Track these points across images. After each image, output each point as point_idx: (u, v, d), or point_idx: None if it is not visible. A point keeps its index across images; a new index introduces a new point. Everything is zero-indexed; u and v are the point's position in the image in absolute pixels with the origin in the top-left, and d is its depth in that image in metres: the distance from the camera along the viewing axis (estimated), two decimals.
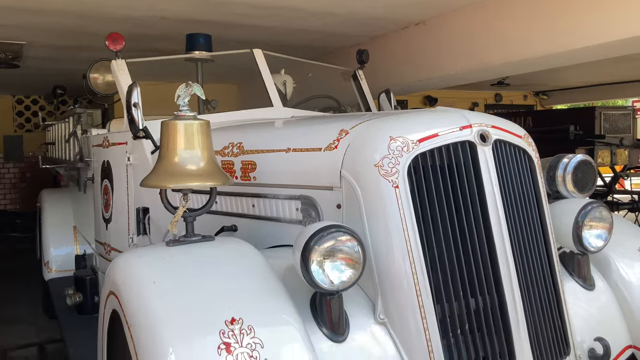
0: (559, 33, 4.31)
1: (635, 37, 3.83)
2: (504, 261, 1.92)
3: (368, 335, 1.83)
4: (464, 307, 1.87)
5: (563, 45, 4.34)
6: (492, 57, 5.01)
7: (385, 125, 1.99)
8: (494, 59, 4.99)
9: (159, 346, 1.54)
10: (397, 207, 1.87)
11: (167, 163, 1.93)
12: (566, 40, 4.31)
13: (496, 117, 2.12)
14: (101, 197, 3.80)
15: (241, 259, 1.84)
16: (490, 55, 5.02)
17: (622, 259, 2.39)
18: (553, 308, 2.04)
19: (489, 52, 5.00)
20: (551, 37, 4.38)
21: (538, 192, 2.12)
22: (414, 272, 1.83)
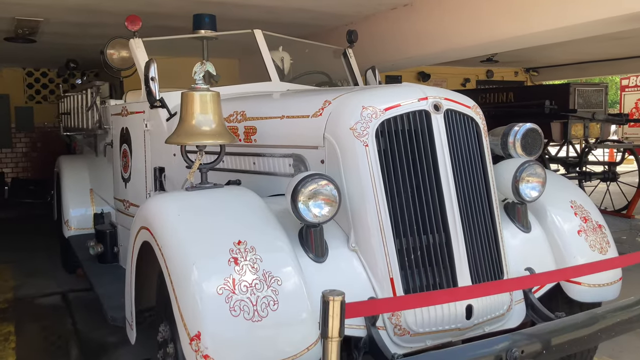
0: (540, 13, 4.70)
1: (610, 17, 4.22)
2: (450, 207, 2.44)
3: (342, 259, 2.37)
4: (417, 241, 2.40)
5: (544, 24, 4.74)
6: (474, 36, 5.47)
7: (359, 97, 2.50)
8: (477, 37, 5.45)
9: (184, 260, 2.08)
10: (367, 161, 2.39)
11: (187, 125, 2.46)
12: (545, 20, 4.71)
13: (449, 91, 2.64)
14: (120, 160, 4.32)
15: (245, 200, 2.38)
16: (473, 34, 5.48)
17: (556, 209, 2.92)
18: (491, 244, 2.57)
19: (472, 32, 5.47)
20: (531, 17, 4.79)
21: (483, 152, 2.64)
22: (378, 212, 2.37)
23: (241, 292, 2.01)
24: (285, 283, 2.10)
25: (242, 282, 2.03)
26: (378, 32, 6.38)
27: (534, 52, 11.06)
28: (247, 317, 1.99)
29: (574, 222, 2.89)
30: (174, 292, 2.08)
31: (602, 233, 2.94)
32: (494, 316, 2.51)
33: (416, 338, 2.35)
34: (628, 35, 7.96)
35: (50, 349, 4.07)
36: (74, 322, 4.58)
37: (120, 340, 4.08)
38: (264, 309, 2.02)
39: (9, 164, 10.89)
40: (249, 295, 2.02)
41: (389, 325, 2.33)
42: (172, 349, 2.41)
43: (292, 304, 2.08)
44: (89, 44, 7.54)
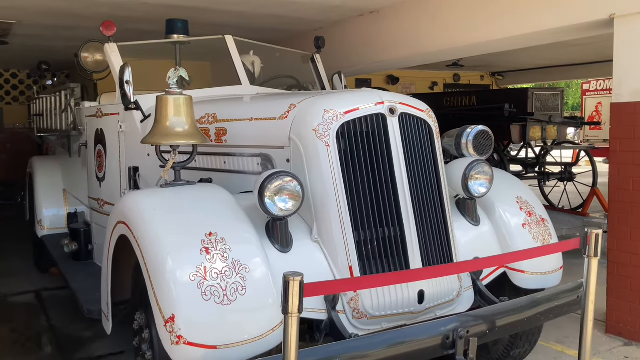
0: (497, 22, 4.99)
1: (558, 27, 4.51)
2: (404, 202, 2.67)
3: (306, 250, 2.59)
4: (374, 234, 2.63)
5: (500, 32, 5.03)
6: (437, 42, 5.76)
7: (321, 101, 2.72)
8: (439, 44, 5.73)
9: (160, 250, 2.27)
10: (328, 160, 2.61)
11: (161, 126, 2.65)
12: (502, 28, 5.00)
13: (404, 96, 2.87)
14: (95, 160, 4.47)
15: (215, 196, 2.58)
16: (434, 41, 5.77)
17: (503, 204, 3.19)
18: (442, 236, 2.81)
19: (434, 38, 5.75)
20: (490, 26, 5.07)
21: (435, 152, 2.88)
22: (339, 207, 2.59)
23: (212, 279, 2.21)
24: (253, 271, 2.30)
25: (213, 269, 2.23)
26: (346, 37, 6.64)
27: (499, 57, 11.46)
28: (218, 301, 2.19)
29: (519, 216, 3.16)
30: (150, 279, 2.26)
31: (544, 226, 3.22)
32: (444, 301, 2.76)
33: (373, 321, 2.58)
34: (588, 41, 8.38)
35: (26, 344, 4.18)
36: (49, 319, 4.70)
37: (96, 334, 4.22)
38: (233, 293, 2.22)
39: None
40: (219, 281, 2.22)
41: (348, 309, 2.55)
42: (147, 334, 2.59)
43: (259, 289, 2.28)
44: (60, 46, 7.62)
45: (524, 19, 4.76)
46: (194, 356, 2.13)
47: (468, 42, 5.32)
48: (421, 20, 5.71)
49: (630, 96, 3.93)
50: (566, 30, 4.54)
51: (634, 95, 3.91)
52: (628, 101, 3.95)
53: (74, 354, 3.93)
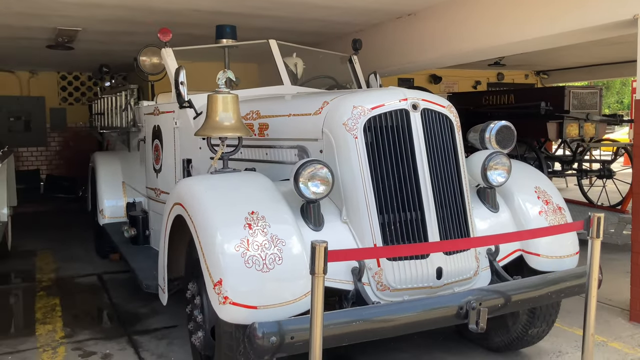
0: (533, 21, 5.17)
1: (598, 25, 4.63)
2: (425, 190, 2.97)
3: (336, 229, 2.93)
4: (397, 217, 2.94)
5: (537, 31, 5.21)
6: (473, 42, 5.99)
7: (351, 98, 3.06)
8: (475, 44, 5.96)
9: (210, 225, 2.66)
10: (356, 150, 2.95)
11: (212, 121, 3.05)
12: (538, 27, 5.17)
13: (427, 93, 3.18)
14: (152, 153, 4.94)
15: (257, 181, 2.96)
16: (466, 41, 5.99)
17: (521, 193, 3.44)
18: (461, 220, 3.10)
19: (471, 38, 5.99)
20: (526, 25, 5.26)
21: (455, 144, 3.17)
22: (365, 192, 2.92)
23: (253, 250, 2.59)
24: (289, 245, 2.67)
25: (254, 242, 2.61)
26: (384, 39, 6.94)
27: (541, 55, 11.48)
28: (258, 269, 2.56)
29: (536, 204, 3.41)
30: (201, 250, 2.66)
31: (561, 214, 3.45)
32: (462, 279, 3.05)
33: (395, 293, 2.90)
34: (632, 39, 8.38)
35: (91, 317, 4.69)
36: (110, 297, 5.21)
37: (152, 310, 4.69)
38: (271, 263, 2.59)
39: (43, 161, 11.66)
40: (260, 252, 2.59)
41: (372, 281, 2.88)
42: (198, 301, 3.00)
43: (294, 260, 2.64)
44: (120, 50, 8.23)
45: (548, 21, 4.95)
46: (238, 314, 2.51)
47: (496, 43, 5.54)
48: (455, 22, 5.96)
49: None
50: (590, 30, 4.71)
51: None
52: None
53: (133, 326, 4.40)
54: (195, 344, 3.05)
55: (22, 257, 6.76)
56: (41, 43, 7.61)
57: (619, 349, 3.82)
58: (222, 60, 5.43)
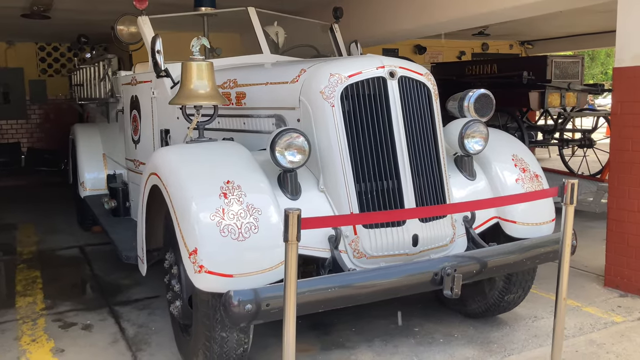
0: None
1: None
2: (401, 158, 2.96)
3: (313, 198, 2.93)
4: (373, 185, 2.95)
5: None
6: (458, 9, 5.94)
7: (328, 66, 3.03)
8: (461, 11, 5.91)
9: (185, 195, 2.65)
10: (333, 119, 2.93)
11: (186, 89, 3.01)
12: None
13: (404, 60, 3.16)
14: (130, 124, 4.89)
15: (233, 151, 2.94)
16: (456, 8, 5.95)
17: (498, 162, 3.45)
18: (437, 188, 3.11)
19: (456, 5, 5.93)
20: None
21: (432, 112, 3.16)
22: (342, 161, 2.91)
23: (229, 219, 2.58)
24: (265, 213, 2.66)
25: (230, 211, 2.60)
26: (368, 7, 6.85)
27: (526, 25, 11.45)
28: (234, 237, 2.56)
29: (513, 172, 3.43)
30: (177, 220, 2.65)
31: (538, 182, 3.48)
32: (438, 245, 3.08)
33: (372, 260, 2.92)
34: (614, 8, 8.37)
35: (72, 288, 4.69)
36: (92, 268, 5.21)
37: (134, 281, 4.70)
38: (247, 232, 2.59)
39: (24, 134, 11.49)
40: (235, 221, 2.59)
41: (349, 249, 2.90)
42: (175, 270, 3.01)
43: (270, 229, 2.64)
44: (98, 19, 8.05)
45: None
46: (213, 283, 2.52)
47: (482, 10, 5.51)
48: None
49: (631, 60, 4.11)
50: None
51: (635, 60, 4.08)
52: (629, 65, 4.12)
53: (114, 297, 4.41)
54: (174, 313, 3.06)
55: (3, 230, 6.71)
56: (16, 12, 7.43)
57: (592, 314, 3.90)
58: (202, 30, 5.33)
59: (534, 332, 3.61)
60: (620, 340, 3.48)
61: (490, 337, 3.56)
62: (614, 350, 3.34)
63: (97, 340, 3.63)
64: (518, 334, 3.60)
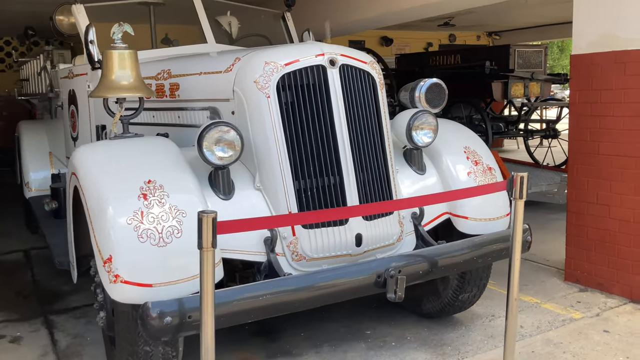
0: None
1: None
2: (343, 153, 2.75)
3: (248, 197, 2.71)
4: (314, 182, 2.73)
5: None
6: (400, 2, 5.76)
7: (263, 54, 2.80)
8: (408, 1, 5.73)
9: (99, 197, 2.40)
10: (269, 111, 2.71)
11: (107, 80, 2.75)
12: None
13: (346, 48, 2.94)
14: (69, 120, 4.59)
15: (159, 147, 2.69)
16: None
17: (449, 154, 3.27)
18: (383, 185, 2.91)
19: None
20: None
21: (378, 103, 2.96)
22: (279, 156, 2.69)
23: (148, 223, 2.35)
24: (190, 216, 2.43)
25: (149, 214, 2.36)
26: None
27: (493, 16, 11.36)
28: (153, 243, 2.33)
29: (465, 165, 3.26)
30: (91, 224, 2.40)
31: (491, 175, 3.31)
32: (384, 245, 2.89)
33: (312, 263, 2.72)
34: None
35: (8, 296, 4.39)
36: (33, 274, 4.91)
37: (74, 288, 4.41)
38: (169, 236, 2.35)
39: None
40: (155, 225, 2.35)
41: (287, 252, 2.69)
42: (99, 279, 2.75)
43: (195, 233, 2.41)
44: (48, 11, 7.65)
45: None
46: (130, 293, 2.28)
47: None
48: None
49: (588, 47, 3.97)
50: None
51: (591, 47, 3.95)
52: (586, 52, 3.98)
53: (51, 305, 4.13)
54: (100, 324, 2.82)
55: None
56: None
57: (551, 310, 3.77)
58: (149, 20, 5.05)
59: (491, 332, 3.46)
60: (578, 338, 3.34)
61: (444, 339, 3.39)
62: (571, 350, 3.20)
63: (24, 354, 3.36)
64: (474, 335, 3.44)
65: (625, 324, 3.52)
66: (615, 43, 3.78)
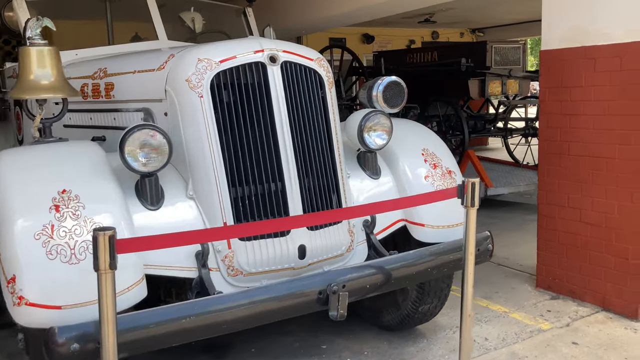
0: None
1: None
2: (285, 157, 2.53)
3: (179, 206, 2.48)
4: (252, 190, 2.51)
5: None
6: None
7: (197, 50, 2.57)
8: None
9: (6, 209, 2.16)
10: (202, 112, 2.48)
11: (25, 80, 2.52)
12: None
13: (290, 44, 2.72)
14: (15, 122, 4.34)
15: (80, 153, 2.46)
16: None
17: (406, 157, 3.06)
18: (331, 191, 2.70)
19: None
20: None
21: (326, 104, 2.74)
22: (213, 162, 2.47)
23: (59, 237, 2.11)
24: None
25: (61, 228, 2.13)
26: None
27: (476, 12, 11.17)
28: (64, 260, 2.09)
29: (422, 168, 3.05)
30: None
31: (451, 178, 3.10)
32: (332, 256, 2.67)
33: (250, 278, 2.50)
34: None
35: None
36: None
37: None
38: (82, 252, 2.12)
39: None
40: (67, 240, 2.12)
41: (222, 266, 2.47)
42: None
43: None
44: None
45: None
46: (36, 317, 2.05)
47: None
48: None
49: (558, 42, 3.77)
50: None
51: (562, 42, 3.75)
52: (556, 48, 3.78)
53: None
54: (19, 346, 2.58)
55: None
56: None
57: (519, 320, 3.57)
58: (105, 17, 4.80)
59: (453, 346, 3.25)
60: (545, 351, 3.15)
61: (403, 354, 3.19)
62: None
63: None
64: (435, 349, 3.23)
65: (596, 335, 3.33)
66: (585, 38, 3.58)
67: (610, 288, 3.60)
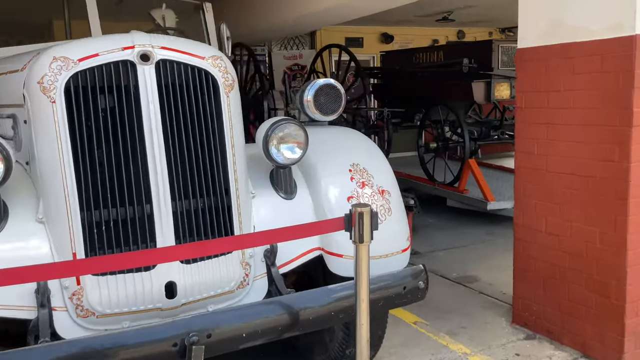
0: None
1: None
2: (155, 177, 2.11)
3: (24, 233, 2.09)
4: (110, 215, 2.10)
5: None
6: None
7: (55, 48, 2.17)
8: None
9: None
10: (53, 120, 2.08)
11: None
12: None
13: (173, 39, 2.30)
14: None
15: None
16: None
17: (328, 174, 2.57)
18: (220, 216, 2.25)
19: None
20: None
21: (220, 111, 2.29)
22: (64, 179, 2.07)
23: None
24: None
25: None
26: None
27: (501, 10, 10.46)
28: None
29: (346, 187, 2.56)
30: None
31: (383, 199, 2.60)
32: (216, 294, 2.23)
33: (107, 320, 2.09)
34: None
35: None
36: None
37: None
38: None
39: None
40: None
41: (70, 305, 2.06)
42: None
43: None
44: None
45: None
46: None
47: None
48: None
49: (536, 40, 3.20)
50: None
51: (540, 39, 3.17)
52: (533, 46, 3.22)
53: None
54: None
55: None
56: None
57: None
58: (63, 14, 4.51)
59: None
60: None
61: None
62: None
63: None
64: None
65: None
66: (563, 33, 3.01)
67: (590, 331, 3.01)
